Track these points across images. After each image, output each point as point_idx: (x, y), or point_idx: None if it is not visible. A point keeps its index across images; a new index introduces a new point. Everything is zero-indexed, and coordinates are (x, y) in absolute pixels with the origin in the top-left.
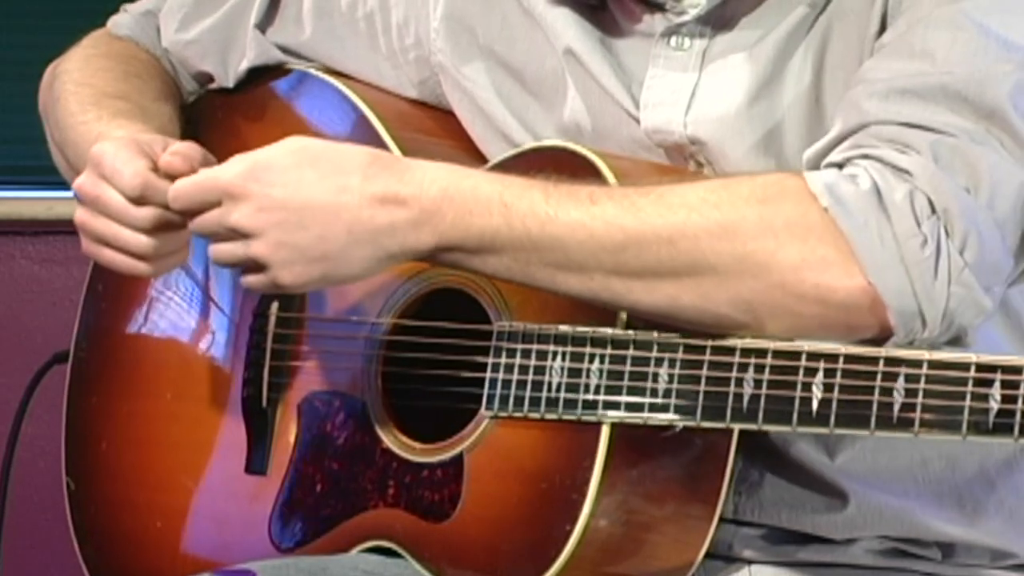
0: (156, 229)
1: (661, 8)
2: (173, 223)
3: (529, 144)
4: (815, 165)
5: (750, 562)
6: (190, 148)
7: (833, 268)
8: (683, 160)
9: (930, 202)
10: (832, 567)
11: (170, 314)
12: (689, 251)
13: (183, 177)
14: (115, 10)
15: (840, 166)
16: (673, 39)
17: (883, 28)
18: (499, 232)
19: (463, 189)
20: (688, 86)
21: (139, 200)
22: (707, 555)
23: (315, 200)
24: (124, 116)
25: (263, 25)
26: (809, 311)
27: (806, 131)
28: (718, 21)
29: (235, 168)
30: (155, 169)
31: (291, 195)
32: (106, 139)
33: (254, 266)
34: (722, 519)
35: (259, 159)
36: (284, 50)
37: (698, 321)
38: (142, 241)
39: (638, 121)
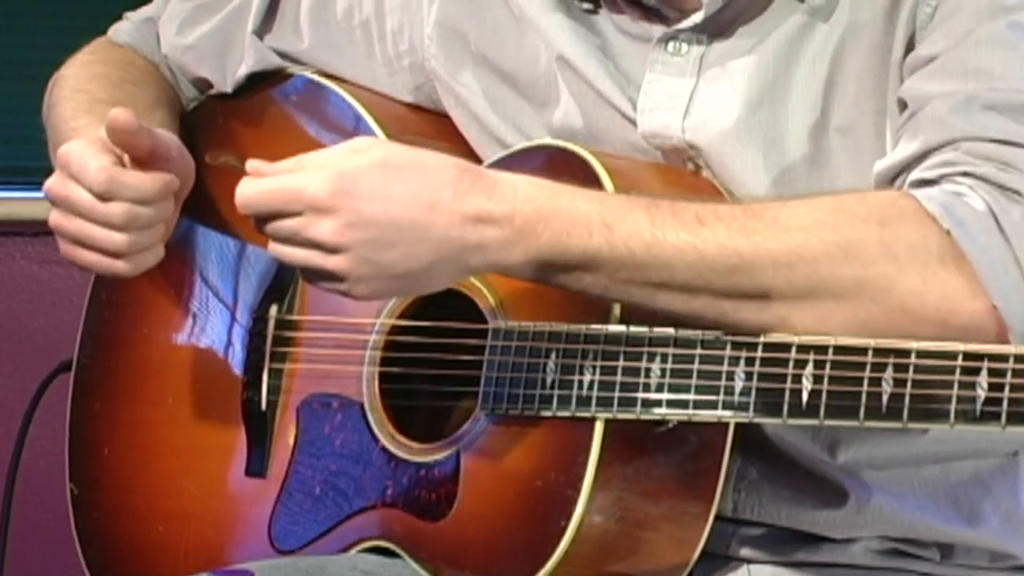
0: (127, 225)
1: (658, 14)
2: (144, 218)
3: (521, 144)
4: (889, 179)
5: (749, 561)
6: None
7: (956, 292)
8: (681, 163)
9: None
10: (831, 567)
11: (171, 321)
12: (807, 275)
13: (132, 133)
14: (117, 11)
15: (933, 183)
16: (670, 44)
17: (910, 45)
18: (600, 252)
19: (559, 208)
20: (686, 91)
21: (106, 196)
22: (705, 554)
23: (405, 218)
24: None
25: (261, 32)
26: (927, 333)
27: (808, 141)
28: (715, 28)
29: (319, 180)
30: (121, 164)
31: (380, 212)
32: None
33: (328, 275)
34: (721, 518)
35: (344, 171)
36: (282, 56)
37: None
38: (115, 238)
39: (635, 124)
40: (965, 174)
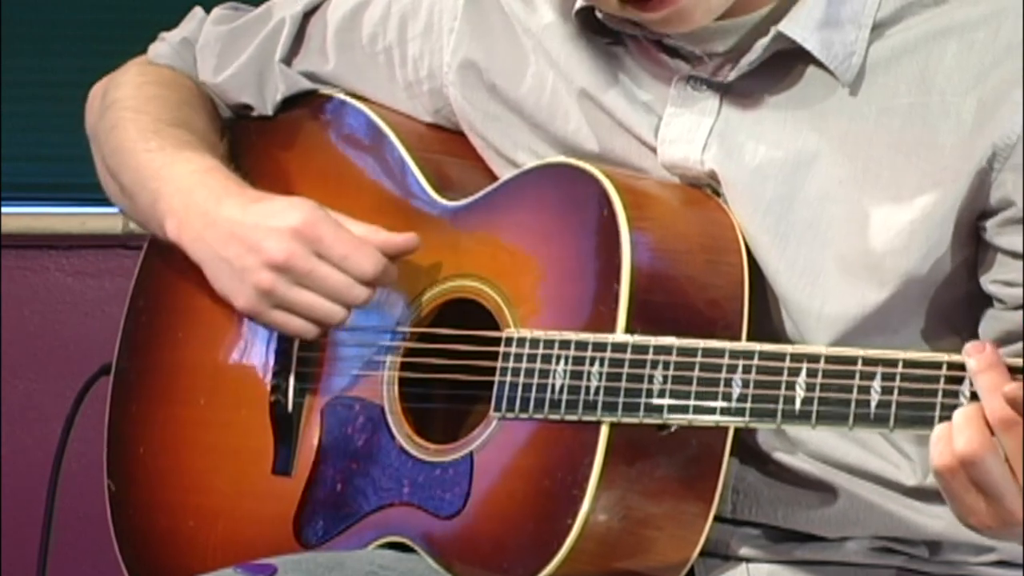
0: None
1: (679, 52)
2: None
3: (533, 163)
4: None
5: (748, 560)
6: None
7: None
8: (699, 187)
9: None
10: (826, 564)
11: (203, 327)
12: None
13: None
14: (151, 33)
15: None
16: (692, 82)
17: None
18: None
19: None
20: (706, 126)
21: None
22: (706, 554)
23: None
24: (189, 148)
25: (288, 58)
26: None
27: (816, 205)
28: (739, 84)
29: None
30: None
31: None
32: (295, 208)
33: None
34: (720, 519)
35: None
36: (311, 77)
37: None
38: (343, 315)
39: (652, 151)
40: None
